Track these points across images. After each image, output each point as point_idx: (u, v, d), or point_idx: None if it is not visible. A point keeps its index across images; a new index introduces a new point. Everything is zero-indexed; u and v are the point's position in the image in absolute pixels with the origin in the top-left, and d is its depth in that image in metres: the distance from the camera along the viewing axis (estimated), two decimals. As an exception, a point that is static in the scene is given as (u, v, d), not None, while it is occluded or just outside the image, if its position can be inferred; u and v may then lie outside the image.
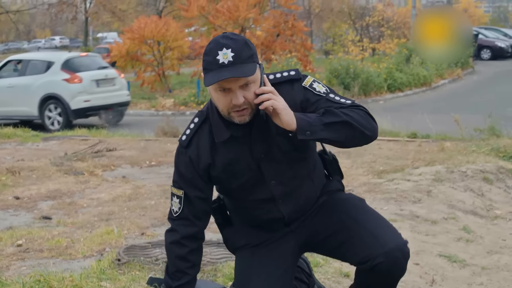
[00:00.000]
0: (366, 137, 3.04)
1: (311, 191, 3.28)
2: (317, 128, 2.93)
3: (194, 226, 3.21)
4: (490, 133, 10.47)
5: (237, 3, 22.11)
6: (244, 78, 2.88)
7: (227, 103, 2.93)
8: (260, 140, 3.07)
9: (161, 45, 25.03)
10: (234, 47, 2.88)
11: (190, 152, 3.15)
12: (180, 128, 12.74)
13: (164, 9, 47.26)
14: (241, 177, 3.14)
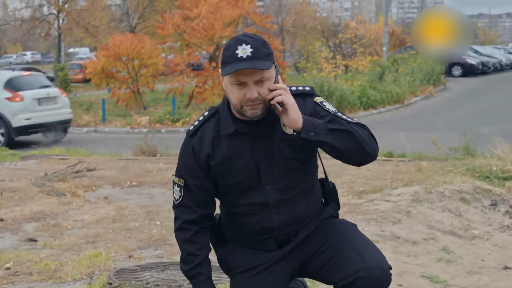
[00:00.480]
0: (366, 154, 3.14)
1: (304, 209, 3.34)
2: (321, 131, 3.04)
3: (194, 213, 3.32)
4: (464, 152, 10.65)
5: (213, 21, 22.22)
6: (259, 73, 3.01)
7: (241, 97, 3.04)
8: (264, 143, 3.18)
9: (136, 62, 25.06)
10: (253, 44, 3.02)
11: (194, 142, 3.26)
12: (159, 146, 12.82)
13: (137, 26, 47.34)
14: (237, 175, 3.22)
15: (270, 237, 3.33)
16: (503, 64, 44.89)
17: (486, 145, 10.24)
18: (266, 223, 3.29)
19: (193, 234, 3.32)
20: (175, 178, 3.35)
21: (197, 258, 3.30)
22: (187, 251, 3.33)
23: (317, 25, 42.66)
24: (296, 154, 3.21)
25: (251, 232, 3.35)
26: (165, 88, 26.84)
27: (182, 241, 3.35)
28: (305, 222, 3.36)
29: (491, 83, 33.38)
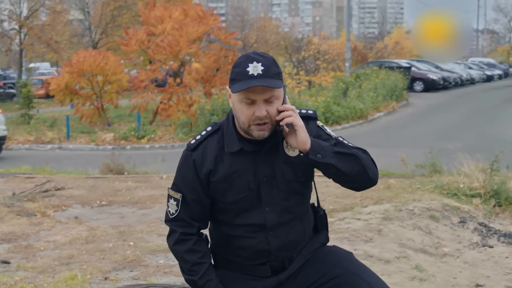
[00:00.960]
0: (369, 178, 3.19)
1: (300, 233, 3.35)
2: (328, 153, 3.09)
3: (191, 226, 3.30)
4: (431, 169, 10.79)
5: (178, 38, 22.22)
6: (269, 91, 3.04)
7: (249, 115, 3.06)
8: (267, 163, 3.20)
9: (100, 78, 24.98)
10: (264, 62, 3.06)
11: (195, 156, 3.26)
12: (126, 164, 12.80)
13: (100, 41, 47.20)
14: (238, 193, 3.22)
15: (265, 263, 3.33)
16: (464, 79, 45.57)
17: (452, 162, 10.38)
18: (263, 247, 3.28)
19: (194, 244, 3.29)
20: (172, 192, 3.33)
21: (203, 266, 3.28)
22: (191, 261, 3.28)
23: (281, 41, 42.81)
24: (298, 176, 3.25)
25: (246, 257, 3.33)
26: (128, 104, 26.77)
27: (184, 252, 3.30)
28: (300, 247, 3.37)
29: (452, 98, 33.82)
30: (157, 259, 6.38)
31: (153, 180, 11.29)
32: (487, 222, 8.15)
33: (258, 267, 3.34)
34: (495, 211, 8.55)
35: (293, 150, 3.20)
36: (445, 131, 20.93)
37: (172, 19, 23.27)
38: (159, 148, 19.61)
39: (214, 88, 23.43)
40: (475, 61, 65.32)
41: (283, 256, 3.33)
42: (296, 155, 3.20)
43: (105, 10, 47.84)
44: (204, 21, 23.29)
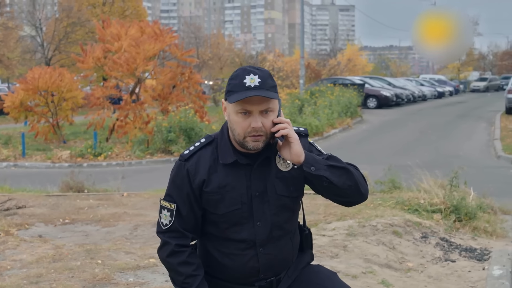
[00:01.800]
0: (360, 193, 3.26)
1: (289, 251, 3.40)
2: (321, 166, 3.16)
3: (185, 237, 3.32)
4: (390, 185, 10.97)
5: (134, 55, 22.20)
6: (266, 103, 3.12)
7: (245, 126, 3.13)
8: (259, 178, 3.25)
9: (55, 95, 24.81)
10: (261, 74, 3.15)
11: (189, 166, 3.29)
12: (85, 182, 12.76)
13: (53, 57, 46.88)
14: (229, 206, 3.25)
15: (253, 284, 3.36)
16: (416, 95, 46.32)
17: (410, 178, 10.57)
18: (252, 264, 3.31)
19: (188, 256, 3.31)
20: (165, 203, 3.35)
21: (197, 279, 3.28)
22: (185, 273, 3.28)
23: (235, 58, 43.00)
24: (290, 191, 3.30)
25: (235, 276, 3.35)
26: (84, 121, 26.62)
27: (177, 264, 3.30)
28: (288, 266, 3.42)
29: (405, 115, 34.28)
30: (127, 277, 6.41)
31: (115, 198, 11.28)
32: (448, 237, 8.33)
33: (246, 281, 3.37)
34: (455, 226, 8.75)
35: (286, 165, 3.26)
36: (400, 147, 21.23)
37: (128, 36, 23.23)
38: (116, 165, 19.52)
39: (171, 105, 23.41)
40: (426, 78, 66.53)
41: (272, 275, 3.37)
42: (288, 170, 3.26)
43: (58, 26, 47.55)
44: (160, 38, 23.29)
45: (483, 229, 8.75)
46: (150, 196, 11.38)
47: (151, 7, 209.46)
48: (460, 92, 69.01)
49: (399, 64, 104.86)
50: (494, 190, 10.83)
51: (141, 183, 14.77)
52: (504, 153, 19.14)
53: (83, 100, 25.92)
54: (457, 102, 48.79)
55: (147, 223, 9.13)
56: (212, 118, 26.19)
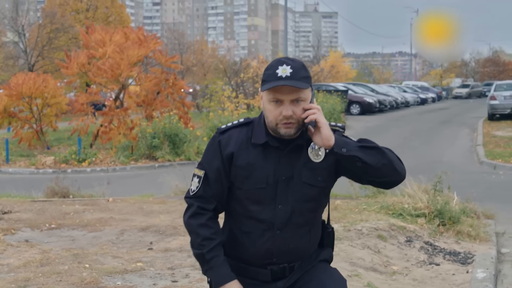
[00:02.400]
0: (396, 172, 3.31)
1: (305, 242, 3.46)
2: (352, 147, 3.24)
3: (209, 203, 3.42)
4: (374, 190, 11.04)
5: (119, 61, 22.22)
6: (296, 92, 3.22)
7: (277, 114, 3.24)
8: (287, 163, 3.33)
9: (39, 101, 24.76)
10: (293, 65, 3.25)
11: (222, 138, 3.42)
12: (70, 188, 12.77)
13: (36, 64, 46.77)
14: (255, 184, 3.35)
15: (267, 267, 3.42)
16: (399, 102, 46.57)
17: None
18: (268, 245, 3.38)
19: (208, 219, 3.41)
20: (196, 170, 3.47)
21: (213, 242, 3.37)
22: (203, 235, 3.38)
23: (219, 65, 43.03)
24: (317, 181, 3.36)
25: (251, 255, 3.42)
26: (67, 127, 26.57)
27: (197, 226, 3.41)
28: (303, 257, 3.47)
29: (388, 121, 34.46)
30: (115, 281, 6.44)
31: (100, 203, 11.30)
32: (432, 241, 8.42)
33: (259, 271, 3.44)
34: (439, 230, 8.84)
35: (318, 157, 3.31)
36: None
37: (113, 42, 23.25)
38: (101, 171, 19.52)
39: (155, 111, 23.43)
40: (409, 84, 66.84)
41: (285, 261, 3.43)
42: (319, 161, 3.32)
43: (42, 32, 47.51)
44: (144, 44, 23.34)
45: (466, 233, 8.85)
46: (136, 202, 11.42)
47: (134, 14, 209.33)
48: (443, 98, 69.43)
49: (382, 71, 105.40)
50: (477, 195, 10.94)
51: (126, 189, 14.78)
52: (487, 158, 19.28)
53: (67, 106, 25.88)
54: (440, 108, 49.08)
55: (133, 228, 9.16)
56: (196, 124, 26.25)
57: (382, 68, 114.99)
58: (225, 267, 3.37)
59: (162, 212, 10.24)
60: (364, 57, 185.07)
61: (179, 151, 20.77)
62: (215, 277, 3.37)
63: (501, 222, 10.00)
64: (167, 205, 10.96)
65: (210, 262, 3.37)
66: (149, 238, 8.53)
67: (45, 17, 50.45)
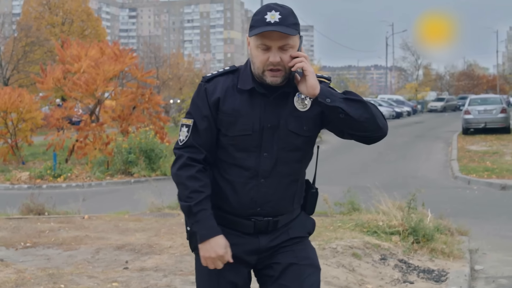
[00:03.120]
0: (378, 127, 3.34)
1: (290, 196, 3.47)
2: (337, 98, 3.25)
3: (199, 153, 3.39)
4: (349, 207, 11.11)
5: (94, 76, 22.19)
6: (284, 39, 3.23)
7: (264, 60, 3.25)
8: (273, 111, 3.34)
9: (14, 116, 24.64)
10: (282, 11, 3.25)
11: (208, 86, 3.41)
12: (46, 204, 12.71)
13: (11, 77, 46.53)
14: (241, 130, 3.34)
15: (250, 219, 3.41)
16: (374, 116, 46.59)
17: (369, 200, 10.73)
18: (252, 194, 3.38)
19: (198, 171, 3.37)
20: (184, 120, 3.45)
21: (201, 195, 3.33)
22: (191, 187, 3.34)
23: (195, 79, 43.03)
24: (302, 130, 3.37)
25: (235, 204, 3.41)
26: (43, 142, 26.45)
27: (186, 177, 3.36)
28: (286, 212, 3.47)
29: (364, 135, 34.49)
30: (90, 302, 6.44)
31: (76, 221, 11.26)
32: (406, 259, 8.48)
33: (242, 222, 3.43)
34: (413, 248, 8.90)
35: (303, 105, 3.30)
36: (359, 167, 21.47)
37: (88, 57, 23.22)
38: (76, 187, 19.46)
39: (131, 126, 23.40)
40: (385, 98, 67.23)
41: (269, 214, 3.42)
42: (305, 110, 3.32)
43: (17, 45, 47.30)
44: (120, 59, 23.32)
45: (440, 250, 8.91)
46: (112, 219, 11.39)
47: (110, 26, 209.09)
48: (418, 112, 69.91)
49: (358, 84, 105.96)
50: (451, 211, 11.04)
51: (102, 205, 14.75)
52: (461, 173, 19.41)
53: (42, 121, 25.77)
54: (415, 122, 49.40)
55: (109, 246, 9.14)
56: (172, 139, 26.21)
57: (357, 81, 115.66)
58: (212, 221, 3.34)
59: (137, 230, 10.23)
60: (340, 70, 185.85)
61: (155, 166, 20.75)
62: (201, 230, 3.34)
63: (474, 238, 10.09)
64: (142, 222, 10.95)
65: (196, 215, 3.33)
66: (124, 257, 8.51)
67: (21, 30, 50.26)
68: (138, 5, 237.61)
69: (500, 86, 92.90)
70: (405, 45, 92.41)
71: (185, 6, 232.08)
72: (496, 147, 26.35)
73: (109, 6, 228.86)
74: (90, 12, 58.11)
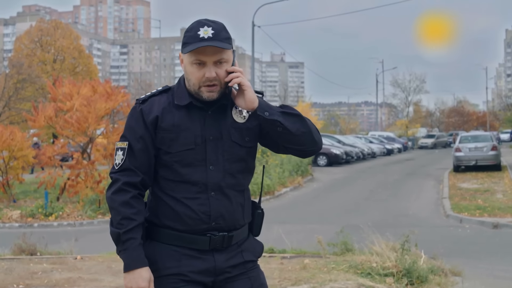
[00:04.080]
0: (314, 141, 3.41)
1: (240, 209, 3.47)
2: (275, 112, 3.31)
3: (136, 176, 3.36)
4: (343, 248, 11.10)
5: (86, 114, 22.20)
6: (219, 53, 3.27)
7: (200, 76, 3.29)
8: (214, 124, 3.37)
9: (6, 154, 24.60)
10: (215, 26, 3.30)
11: (144, 107, 3.41)
12: (38, 244, 12.66)
13: (2, 114, 46.50)
14: (183, 145, 3.34)
15: (205, 234, 3.39)
16: (365, 153, 46.97)
17: (363, 241, 10.72)
18: (204, 208, 3.36)
19: (132, 198, 3.34)
20: (119, 143, 3.43)
21: (132, 223, 3.30)
22: (123, 214, 3.30)
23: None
24: (243, 141, 3.42)
25: (187, 222, 3.38)
26: (34, 180, 26.38)
27: (119, 203, 3.32)
28: (238, 225, 3.48)
29: (355, 173, 34.66)
30: None
31: (68, 262, 11.22)
32: (400, 301, 8.46)
33: (197, 238, 3.39)
34: (407, 289, 8.89)
35: (242, 117, 3.37)
36: (351, 206, 21.46)
37: (80, 96, 23.24)
38: (68, 225, 19.38)
39: (122, 163, 23.34)
40: (375, 135, 67.45)
41: (224, 229, 3.41)
42: (244, 122, 3.38)
43: (8, 82, 47.31)
44: (112, 97, 23.35)
45: (434, 292, 8.91)
46: (104, 260, 11.35)
47: (101, 63, 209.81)
48: (409, 149, 70.14)
49: (348, 121, 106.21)
50: (444, 251, 11.06)
51: (94, 244, 14.70)
52: (453, 212, 19.43)
53: (33, 159, 25.72)
54: (406, 159, 49.52)
55: (102, 288, 9.11)
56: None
57: (348, 118, 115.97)
58: (139, 251, 3.31)
59: (130, 271, 10.17)
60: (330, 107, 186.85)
61: (146, 205, 20.67)
62: (127, 259, 3.31)
63: (468, 278, 10.08)
64: (135, 263, 10.89)
65: (125, 244, 3.30)
66: (118, 299, 8.49)
67: (12, 67, 50.36)
68: (129, 42, 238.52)
69: (490, 122, 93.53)
70: (395, 82, 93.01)
71: (176, 42, 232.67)
72: (487, 184, 26.43)
73: (100, 43, 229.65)
74: (82, 49, 58.37)
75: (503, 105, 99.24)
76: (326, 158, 39.26)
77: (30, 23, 70.01)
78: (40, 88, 48.09)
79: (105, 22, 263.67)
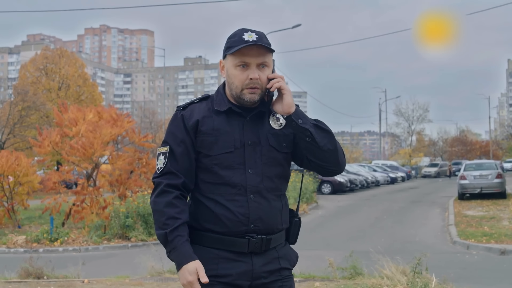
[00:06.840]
0: (337, 161, 3.47)
1: (278, 212, 3.51)
2: (308, 121, 3.39)
3: (178, 178, 3.43)
4: (352, 271, 11.04)
5: (92, 140, 22.22)
6: (262, 56, 3.38)
7: (243, 79, 3.37)
8: (252, 130, 3.45)
9: (11, 180, 24.59)
10: (258, 32, 3.41)
11: (184, 112, 3.51)
12: (44, 268, 12.61)
13: (7, 141, 46.54)
14: (223, 148, 3.42)
15: (244, 236, 3.41)
16: (369, 181, 46.93)
17: (372, 265, 10.67)
18: (243, 210, 3.41)
19: (175, 198, 3.40)
20: (161, 149, 3.50)
21: (177, 221, 3.36)
22: (168, 214, 3.37)
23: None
24: (281, 147, 3.49)
25: (227, 224, 3.41)
26: (39, 205, 26.35)
27: (163, 204, 3.39)
28: (277, 229, 3.50)
29: (360, 200, 34.60)
30: None
31: (76, 285, 11.17)
32: (412, 324, 8.40)
33: (236, 240, 3.42)
34: (418, 312, 8.83)
35: (279, 124, 3.48)
36: (356, 233, 21.38)
37: (86, 122, 23.29)
38: (73, 251, 19.32)
39: (128, 190, 23.35)
40: (379, 163, 67.43)
41: (262, 231, 3.44)
42: (280, 128, 3.48)
43: (13, 110, 47.37)
44: (118, 123, 23.40)
45: (446, 315, 8.85)
46: (112, 283, 11.30)
47: (105, 92, 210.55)
48: (412, 177, 70.07)
49: (352, 150, 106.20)
50: (453, 276, 10.99)
51: (100, 269, 14.64)
52: (460, 238, 19.36)
53: (39, 185, 25.71)
54: (410, 187, 49.44)
55: (111, 311, 9.06)
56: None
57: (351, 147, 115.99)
58: (187, 247, 3.36)
59: (139, 294, 10.15)
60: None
61: (152, 230, 20.60)
62: (177, 257, 3.36)
63: (478, 304, 10.04)
64: (144, 287, 10.86)
65: (172, 242, 3.35)
66: (127, 321, 8.43)
67: (17, 94, 50.42)
68: (133, 71, 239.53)
69: (493, 151, 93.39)
70: (398, 111, 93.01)
71: (180, 72, 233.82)
72: (493, 212, 26.34)
73: (104, 72, 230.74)
74: (87, 77, 58.48)
75: (506, 134, 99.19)
76: (331, 185, 39.28)
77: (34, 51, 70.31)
78: (45, 115, 48.15)
79: (109, 51, 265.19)
